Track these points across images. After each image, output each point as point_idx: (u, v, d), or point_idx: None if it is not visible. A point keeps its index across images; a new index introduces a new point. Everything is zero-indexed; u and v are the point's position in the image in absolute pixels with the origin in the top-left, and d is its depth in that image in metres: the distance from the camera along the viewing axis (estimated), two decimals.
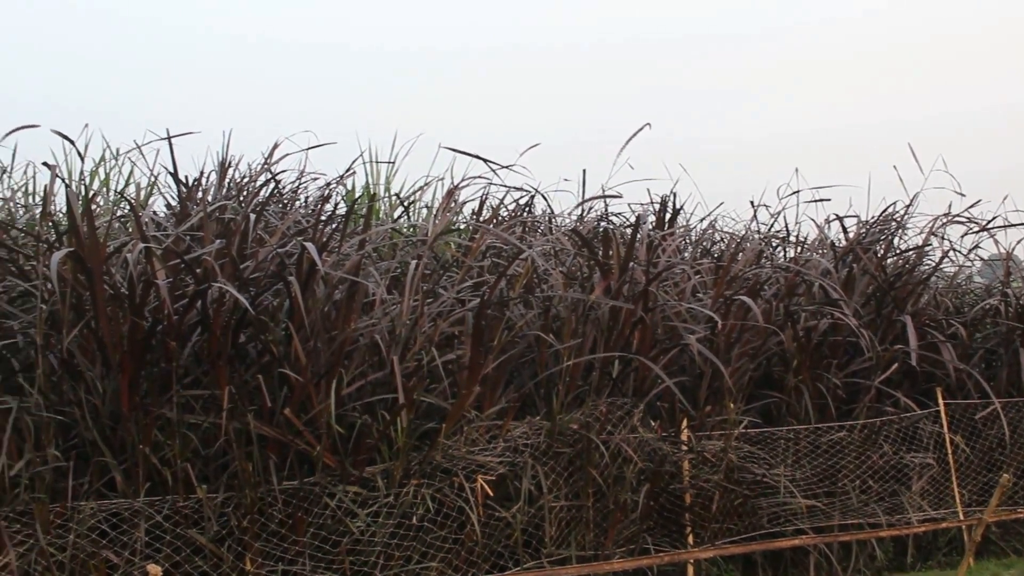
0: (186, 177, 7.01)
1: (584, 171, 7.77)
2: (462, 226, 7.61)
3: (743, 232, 8.29)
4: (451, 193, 6.99)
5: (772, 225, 8.35)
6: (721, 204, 8.73)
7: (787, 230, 8.31)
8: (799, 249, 8.22)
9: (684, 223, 8.29)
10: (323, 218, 6.61)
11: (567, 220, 8.05)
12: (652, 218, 7.91)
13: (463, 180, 7.08)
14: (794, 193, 8.04)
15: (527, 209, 7.59)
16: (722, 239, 8.50)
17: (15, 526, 4.95)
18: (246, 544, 5.30)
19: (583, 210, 7.92)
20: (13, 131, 5.84)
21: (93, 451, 5.25)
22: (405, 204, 7.93)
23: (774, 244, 8.35)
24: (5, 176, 7.56)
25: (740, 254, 7.59)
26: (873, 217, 8.21)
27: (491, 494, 5.67)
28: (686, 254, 8.14)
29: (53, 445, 5.10)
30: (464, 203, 7.49)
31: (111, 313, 5.27)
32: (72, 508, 5.05)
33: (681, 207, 7.98)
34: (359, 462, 5.52)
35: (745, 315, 6.81)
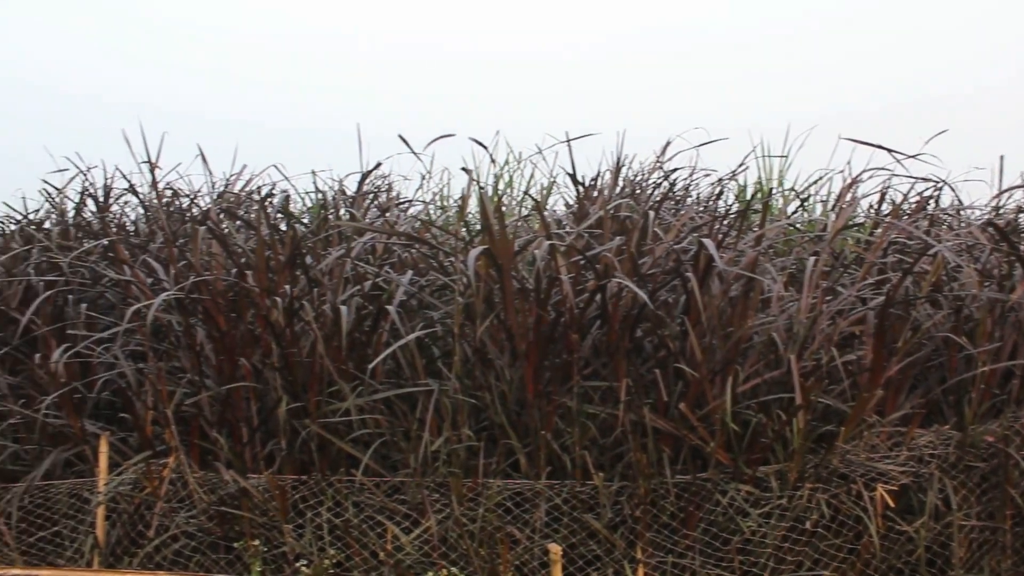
0: (583, 177, 7.32)
1: (1002, 157, 7.10)
2: (861, 220, 7.26)
3: None
4: (850, 186, 6.69)
5: None
6: None
7: None
8: None
9: None
10: (717, 215, 6.60)
11: (978, 212, 7.42)
12: None
13: (863, 171, 6.74)
14: None
15: (934, 201, 7.06)
16: None
17: (435, 495, 5.50)
18: (638, 533, 5.45)
19: (999, 200, 7.24)
20: (433, 140, 6.44)
21: (500, 434, 5.66)
22: (801, 199, 7.71)
23: None
24: (424, 181, 8.38)
25: None
26: None
27: (892, 505, 5.37)
28: None
29: (467, 425, 5.57)
30: (863, 197, 7.13)
31: (518, 306, 5.64)
32: (482, 484, 5.50)
33: None
34: (752, 461, 5.46)
35: None
